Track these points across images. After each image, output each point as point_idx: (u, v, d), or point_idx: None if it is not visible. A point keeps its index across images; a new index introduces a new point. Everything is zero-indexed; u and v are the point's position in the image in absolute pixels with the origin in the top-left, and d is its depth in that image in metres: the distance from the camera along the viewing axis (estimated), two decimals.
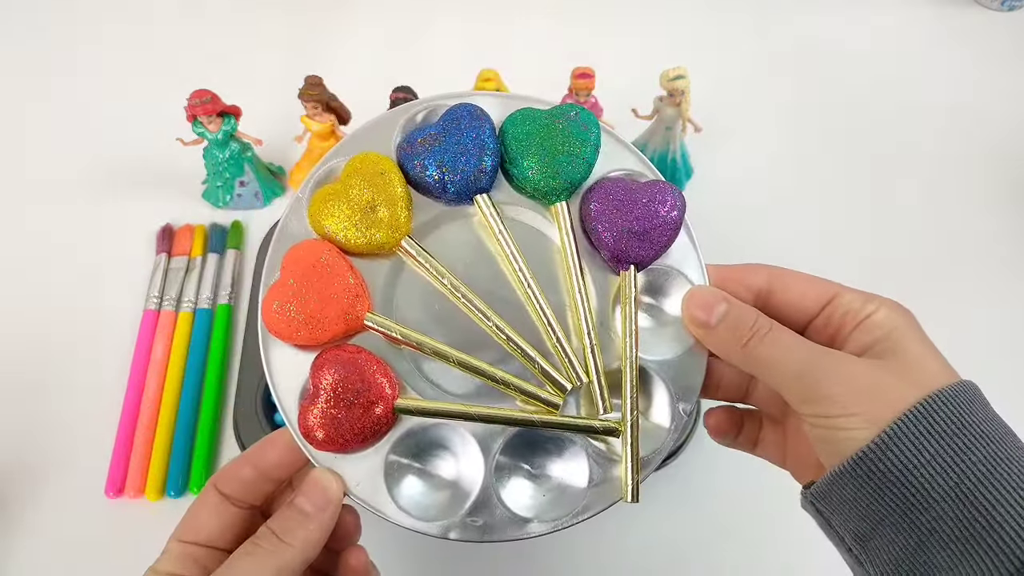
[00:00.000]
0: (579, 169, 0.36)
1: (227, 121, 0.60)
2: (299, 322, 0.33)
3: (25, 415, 0.56)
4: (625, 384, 0.35)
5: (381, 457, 0.34)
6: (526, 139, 0.36)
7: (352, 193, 0.35)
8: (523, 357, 0.35)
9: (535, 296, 0.36)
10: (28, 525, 0.52)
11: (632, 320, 0.35)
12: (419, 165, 0.36)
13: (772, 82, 0.76)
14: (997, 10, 0.81)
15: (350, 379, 0.33)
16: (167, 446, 0.54)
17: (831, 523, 0.31)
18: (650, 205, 0.36)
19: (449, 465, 0.35)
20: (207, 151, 0.62)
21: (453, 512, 0.34)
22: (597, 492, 0.35)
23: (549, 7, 0.81)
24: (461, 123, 0.36)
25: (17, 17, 0.80)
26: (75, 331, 0.60)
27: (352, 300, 0.34)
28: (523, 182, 0.36)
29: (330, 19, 0.80)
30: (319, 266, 0.34)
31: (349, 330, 0.34)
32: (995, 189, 0.68)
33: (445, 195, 0.36)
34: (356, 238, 0.35)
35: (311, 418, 0.33)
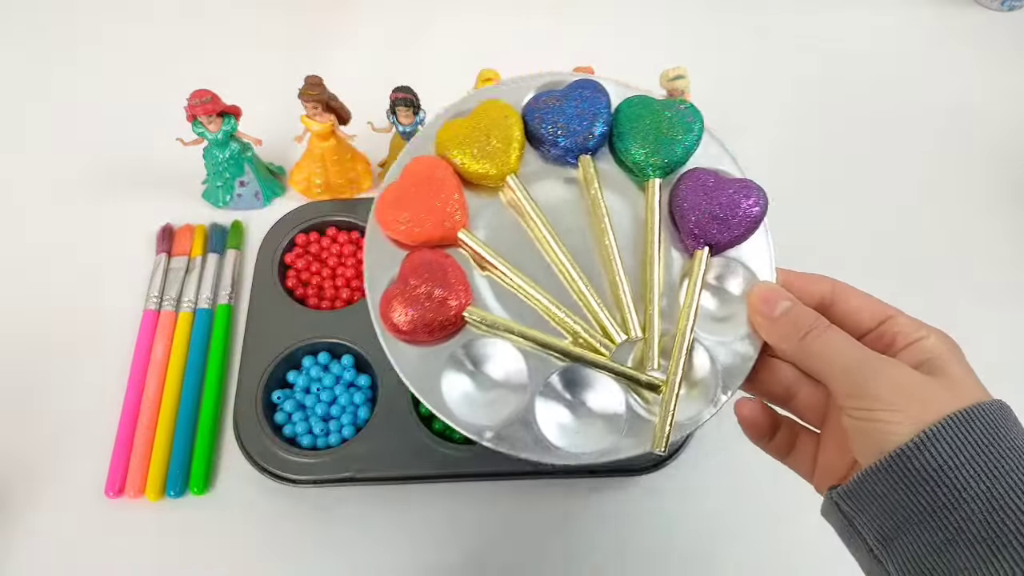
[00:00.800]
0: (677, 153, 0.40)
1: (227, 121, 0.60)
2: (404, 218, 0.38)
3: (25, 415, 0.56)
4: (677, 348, 0.37)
5: (442, 353, 0.37)
6: (637, 119, 0.41)
7: (476, 128, 0.40)
8: (587, 304, 0.38)
9: (614, 252, 0.39)
10: (28, 525, 0.52)
11: (696, 295, 0.38)
12: (539, 118, 0.41)
13: (772, 82, 0.76)
14: (997, 10, 0.81)
15: (434, 276, 0.37)
16: (167, 446, 0.54)
17: (854, 523, 0.32)
18: (735, 196, 0.39)
19: (498, 378, 0.38)
20: (207, 151, 0.62)
21: (490, 419, 0.37)
22: (627, 441, 0.37)
23: (549, 7, 0.81)
24: (584, 92, 0.41)
25: (17, 17, 0.80)
26: (75, 331, 0.60)
27: (452, 213, 0.39)
28: (625, 155, 0.41)
29: (330, 19, 0.79)
30: (433, 178, 0.39)
31: (443, 239, 0.39)
32: (995, 189, 0.68)
33: (555, 148, 0.41)
34: (471, 165, 0.40)
35: (392, 303, 0.37)
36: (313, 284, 0.60)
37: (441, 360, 0.38)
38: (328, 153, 0.62)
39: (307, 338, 0.57)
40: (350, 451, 0.52)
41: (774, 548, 0.52)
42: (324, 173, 0.63)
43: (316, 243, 0.62)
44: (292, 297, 0.59)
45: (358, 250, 0.62)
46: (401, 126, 0.60)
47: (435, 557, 0.52)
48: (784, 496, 0.54)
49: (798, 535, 0.53)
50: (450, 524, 0.53)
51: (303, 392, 0.56)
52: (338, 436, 0.54)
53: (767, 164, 0.71)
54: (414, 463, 0.52)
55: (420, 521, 0.53)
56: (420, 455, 0.52)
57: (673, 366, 0.37)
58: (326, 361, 0.57)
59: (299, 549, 0.52)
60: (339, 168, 0.63)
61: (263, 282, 0.59)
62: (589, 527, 0.53)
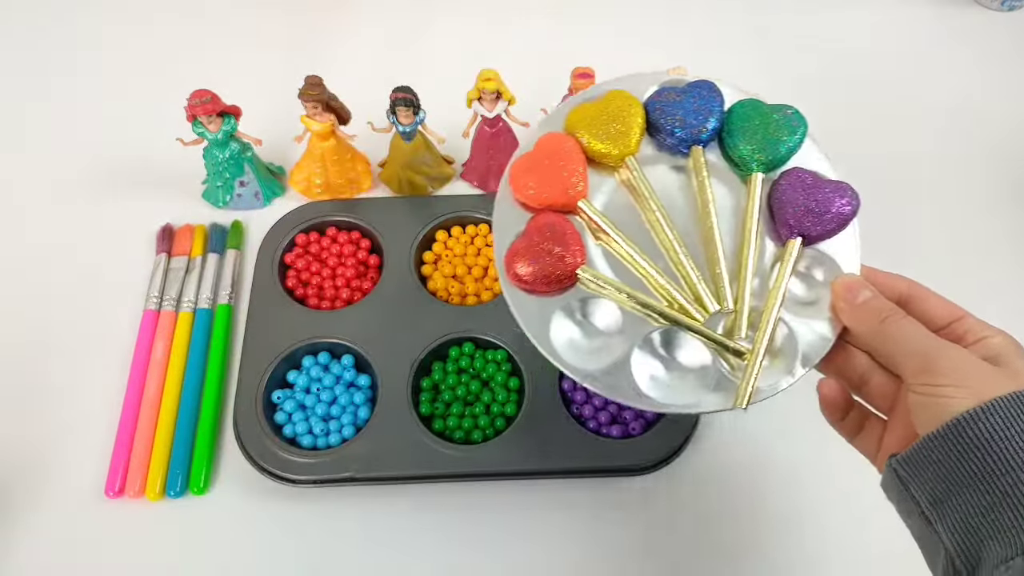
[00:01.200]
0: (781, 152, 0.45)
1: (227, 121, 0.60)
2: (533, 183, 0.44)
3: (25, 415, 0.56)
4: (765, 321, 0.42)
5: (554, 304, 0.43)
6: (747, 119, 0.46)
7: (603, 113, 0.46)
8: (686, 276, 0.43)
9: (716, 233, 0.44)
10: (29, 525, 0.52)
11: (786, 278, 0.42)
12: (660, 110, 0.46)
13: (772, 82, 0.75)
14: (997, 10, 0.81)
15: (555, 235, 0.42)
16: (167, 446, 0.54)
17: (909, 488, 0.35)
18: (831, 195, 0.43)
19: (602, 331, 0.43)
20: (207, 151, 0.62)
21: (591, 365, 0.42)
22: (711, 397, 0.41)
23: (549, 7, 0.81)
24: (701, 91, 0.47)
25: (17, 17, 0.80)
26: (75, 331, 0.60)
27: (576, 184, 0.44)
28: (733, 150, 0.45)
29: (330, 19, 0.79)
30: (562, 151, 0.45)
31: (565, 206, 0.44)
32: (995, 189, 0.68)
33: (671, 137, 0.46)
34: (594, 144, 0.45)
35: (517, 256, 0.42)
36: (313, 284, 0.60)
37: (553, 310, 0.42)
38: (328, 153, 0.62)
39: (307, 338, 0.57)
40: (350, 451, 0.52)
41: (774, 548, 0.52)
42: (324, 173, 0.63)
43: (316, 243, 0.62)
44: (292, 297, 0.59)
45: (358, 250, 0.62)
46: (401, 126, 0.60)
47: (435, 556, 0.52)
48: (783, 496, 0.54)
49: (798, 535, 0.53)
50: (450, 524, 0.53)
51: (303, 392, 0.56)
52: (338, 436, 0.54)
53: None
54: (414, 463, 0.52)
55: (420, 521, 0.53)
56: (420, 455, 0.52)
57: (759, 336, 0.41)
58: (326, 361, 0.57)
59: (299, 549, 0.52)
60: (339, 168, 0.63)
61: (263, 282, 0.59)
62: (589, 527, 0.53)
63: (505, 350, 0.56)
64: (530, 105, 0.61)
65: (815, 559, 0.52)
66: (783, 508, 0.54)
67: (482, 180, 0.66)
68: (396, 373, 0.55)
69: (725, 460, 0.55)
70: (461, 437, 0.54)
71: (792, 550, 0.52)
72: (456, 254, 0.62)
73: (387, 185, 0.66)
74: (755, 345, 0.41)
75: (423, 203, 0.64)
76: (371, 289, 0.60)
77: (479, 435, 0.54)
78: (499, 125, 0.62)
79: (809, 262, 0.44)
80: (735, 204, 0.45)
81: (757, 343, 0.41)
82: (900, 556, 0.53)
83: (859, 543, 0.52)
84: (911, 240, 0.65)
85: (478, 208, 0.63)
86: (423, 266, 0.62)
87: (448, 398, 0.55)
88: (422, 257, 0.62)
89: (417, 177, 0.64)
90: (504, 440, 0.53)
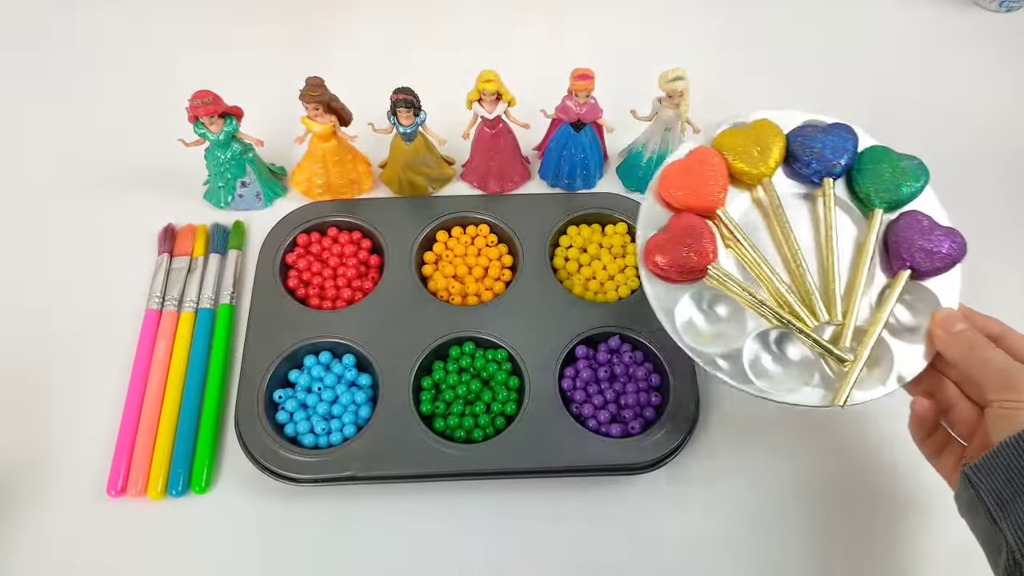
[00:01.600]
0: (904, 194, 0.51)
1: (229, 122, 0.60)
2: (681, 186, 0.51)
3: (27, 415, 0.56)
4: (870, 335, 0.48)
5: (682, 292, 0.50)
6: (877, 162, 0.52)
7: (748, 138, 0.53)
8: (802, 287, 0.50)
9: (835, 255, 0.50)
10: (30, 524, 0.52)
11: (892, 302, 0.49)
12: (800, 143, 0.53)
13: (771, 83, 0.76)
14: (996, 11, 0.81)
15: (693, 234, 0.49)
16: (169, 445, 0.54)
17: (979, 490, 0.39)
18: (942, 238, 0.49)
19: (722, 320, 0.50)
20: (209, 152, 0.62)
21: (708, 348, 0.48)
22: (811, 393, 0.48)
23: (549, 8, 0.81)
24: (840, 131, 0.53)
25: (17, 17, 0.80)
26: (77, 331, 0.60)
27: (717, 192, 0.51)
28: (860, 187, 0.52)
29: (331, 20, 0.80)
30: (709, 164, 0.52)
31: (705, 210, 0.51)
32: (995, 189, 0.68)
33: (807, 168, 0.52)
34: (740, 164, 0.52)
35: (658, 247, 0.49)
36: (314, 284, 0.60)
37: (680, 296, 0.49)
38: (329, 154, 0.62)
39: (309, 338, 0.57)
40: (351, 450, 0.53)
41: (773, 548, 0.52)
42: (325, 174, 0.64)
43: (317, 243, 0.63)
44: (293, 297, 0.60)
45: (359, 250, 0.62)
46: (402, 127, 0.60)
47: (435, 555, 0.52)
48: (783, 496, 0.54)
49: (797, 535, 0.53)
50: (451, 523, 0.53)
51: (305, 391, 0.56)
52: (339, 435, 0.54)
53: None
54: (415, 462, 0.52)
55: (421, 519, 0.53)
56: (421, 454, 0.52)
57: (863, 348, 0.47)
58: (328, 360, 0.57)
59: (301, 548, 0.52)
60: (340, 169, 0.63)
61: (265, 282, 0.60)
62: (589, 526, 0.53)
63: (505, 350, 0.57)
64: (530, 106, 0.61)
65: (816, 556, 0.52)
66: (783, 507, 0.54)
67: (482, 181, 0.66)
68: (397, 372, 0.55)
69: (725, 459, 0.55)
70: (462, 436, 0.54)
71: (793, 549, 0.52)
72: (457, 254, 0.62)
73: (388, 186, 0.66)
74: (858, 355, 0.47)
75: (424, 203, 0.64)
76: (372, 289, 0.60)
77: (480, 434, 0.54)
78: (499, 126, 0.62)
79: (914, 294, 0.50)
80: (853, 234, 0.52)
81: (860, 353, 0.47)
82: (899, 556, 0.53)
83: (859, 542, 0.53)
84: None
85: (478, 208, 0.63)
86: (424, 266, 0.62)
87: (449, 397, 0.55)
88: (423, 257, 0.62)
89: (418, 178, 0.64)
90: (504, 439, 0.53)
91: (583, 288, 0.60)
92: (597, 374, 0.56)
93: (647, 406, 0.55)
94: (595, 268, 0.61)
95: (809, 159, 0.52)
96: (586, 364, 0.56)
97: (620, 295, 0.60)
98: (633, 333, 0.57)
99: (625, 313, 0.58)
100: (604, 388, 0.55)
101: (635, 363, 0.56)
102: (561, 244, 0.63)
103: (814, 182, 0.53)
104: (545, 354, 0.56)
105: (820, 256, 0.51)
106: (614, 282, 0.60)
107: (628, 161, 0.67)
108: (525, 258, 0.61)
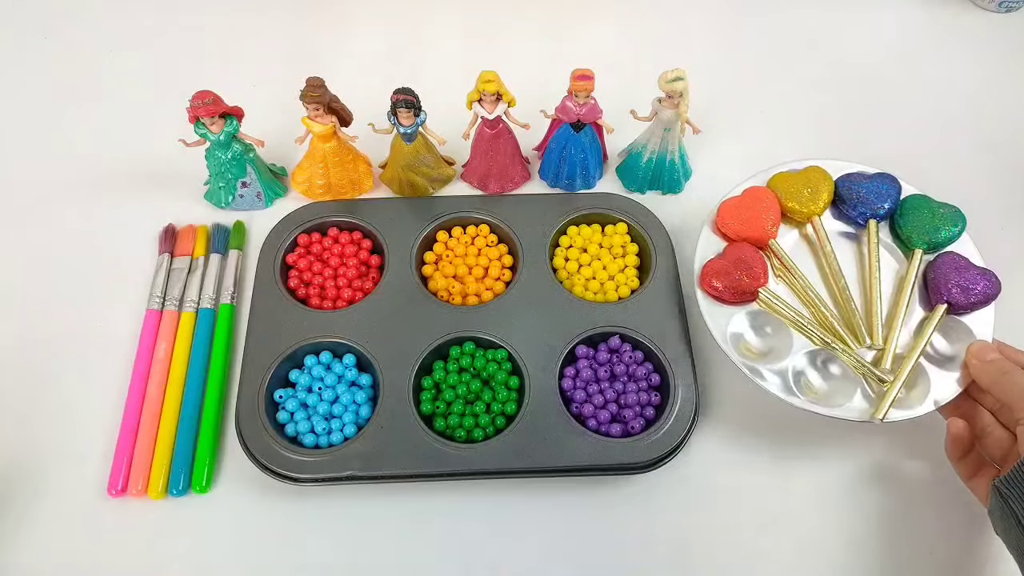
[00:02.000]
0: (942, 237, 0.56)
1: (229, 122, 0.60)
2: (738, 219, 0.57)
3: (28, 414, 0.56)
4: (908, 359, 0.53)
5: (734, 312, 0.55)
6: (918, 208, 0.58)
7: (800, 180, 0.59)
8: (847, 314, 0.55)
9: (877, 288, 0.56)
10: (31, 523, 0.52)
11: (931, 332, 0.54)
12: (848, 187, 0.59)
13: (771, 83, 0.76)
14: (994, 12, 0.81)
15: (745, 259, 0.55)
16: (170, 445, 0.54)
17: (1009, 502, 0.42)
18: (978, 278, 0.54)
19: (771, 337, 0.55)
20: (209, 152, 0.62)
21: (757, 363, 0.53)
22: (851, 408, 0.51)
23: (549, 8, 0.81)
24: (884, 179, 0.59)
25: (17, 18, 0.80)
26: (78, 331, 0.60)
27: (770, 226, 0.57)
28: (901, 229, 0.58)
29: (331, 20, 0.80)
30: (764, 200, 0.58)
31: (758, 241, 0.57)
32: (994, 190, 0.69)
33: (853, 210, 0.59)
34: (792, 203, 0.58)
35: (714, 270, 0.55)
36: (315, 284, 0.60)
37: (731, 315, 0.55)
38: (330, 154, 0.62)
39: (309, 337, 0.57)
40: (352, 450, 0.53)
41: (773, 547, 0.53)
42: (326, 174, 0.64)
43: (318, 243, 0.63)
44: (294, 297, 0.60)
45: (359, 250, 0.62)
46: (402, 127, 0.60)
47: (436, 555, 0.52)
48: (783, 496, 0.54)
49: (797, 534, 0.53)
50: (451, 523, 0.53)
51: (305, 391, 0.56)
52: (340, 435, 0.54)
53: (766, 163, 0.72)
54: (415, 462, 0.52)
55: (421, 519, 0.53)
56: (421, 454, 0.52)
57: (902, 370, 0.52)
58: (328, 360, 0.57)
59: (301, 547, 0.52)
60: (341, 169, 0.64)
61: (265, 282, 0.60)
62: (590, 525, 0.53)
63: (505, 349, 0.57)
64: (530, 107, 0.61)
65: (815, 555, 0.52)
66: (784, 505, 0.54)
67: (482, 181, 0.66)
68: (397, 372, 0.55)
69: (725, 458, 0.55)
70: (462, 436, 0.54)
71: (792, 548, 0.53)
72: (457, 254, 0.62)
73: (388, 186, 0.67)
74: (897, 375, 0.52)
75: (424, 204, 0.65)
76: (372, 289, 0.60)
77: (480, 434, 0.54)
78: (499, 126, 0.62)
79: (951, 327, 0.54)
80: (894, 270, 0.58)
81: (900, 374, 0.52)
82: (899, 556, 0.53)
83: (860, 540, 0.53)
84: None
85: (478, 209, 0.64)
86: (424, 266, 0.62)
87: (449, 397, 0.55)
88: (423, 257, 0.62)
89: (418, 178, 0.64)
90: (505, 439, 0.53)
91: (583, 288, 0.61)
92: (597, 374, 0.56)
93: (647, 406, 0.55)
94: (595, 268, 0.61)
95: (855, 202, 0.58)
96: (586, 364, 0.56)
97: (620, 295, 0.60)
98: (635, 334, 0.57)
99: (625, 313, 0.58)
100: (604, 388, 0.55)
101: (635, 363, 0.56)
102: (561, 244, 0.63)
103: (859, 223, 0.59)
104: (545, 354, 0.56)
105: (863, 288, 0.57)
106: (614, 282, 0.61)
107: (628, 161, 0.67)
108: (525, 258, 0.61)
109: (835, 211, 0.60)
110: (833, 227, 0.59)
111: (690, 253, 0.62)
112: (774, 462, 0.55)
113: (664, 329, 0.57)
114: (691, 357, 0.56)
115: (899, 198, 0.58)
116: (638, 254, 0.63)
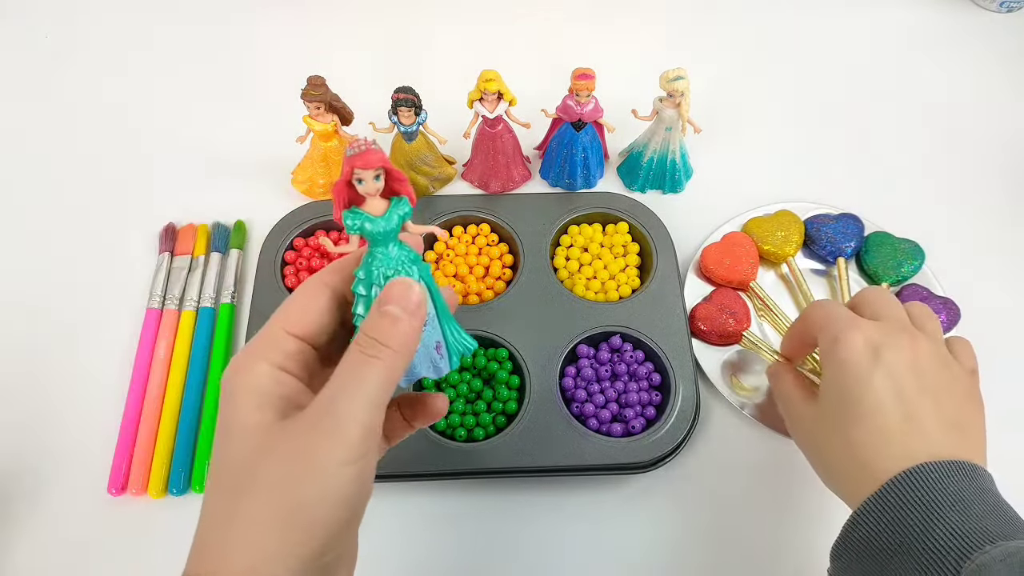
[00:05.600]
0: (904, 271, 0.61)
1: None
2: (722, 263, 0.61)
3: (28, 414, 0.56)
4: None
5: (723, 356, 0.58)
6: (881, 245, 0.62)
7: (772, 224, 0.63)
8: None
9: None
10: (30, 523, 0.52)
11: None
12: (817, 228, 0.63)
13: (771, 82, 0.76)
14: (995, 11, 0.81)
15: (729, 303, 0.59)
16: (170, 444, 0.54)
17: None
18: (939, 306, 0.59)
19: (759, 374, 0.58)
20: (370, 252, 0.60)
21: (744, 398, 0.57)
22: None
23: (550, 8, 0.81)
24: (848, 220, 0.63)
25: (18, 17, 0.80)
26: (78, 330, 0.60)
27: (749, 268, 0.61)
28: (868, 265, 0.62)
29: (332, 20, 0.80)
30: (742, 245, 0.62)
31: (740, 283, 0.61)
32: (994, 190, 0.69)
33: (821, 250, 0.63)
34: (767, 246, 0.62)
35: (700, 314, 0.59)
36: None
37: (719, 355, 0.58)
38: (331, 153, 0.62)
39: None
40: None
41: (773, 547, 0.52)
42: (327, 173, 0.64)
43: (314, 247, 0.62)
44: None
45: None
46: (403, 126, 0.60)
47: (436, 555, 0.52)
48: (782, 496, 0.54)
49: (797, 534, 0.53)
50: (451, 522, 0.53)
51: None
52: None
53: (766, 163, 0.72)
54: (415, 461, 0.52)
55: (421, 518, 0.53)
56: (422, 453, 0.52)
57: None
58: None
59: None
60: (342, 168, 0.63)
61: (266, 281, 0.60)
62: (590, 524, 0.53)
63: (506, 348, 0.57)
64: (531, 106, 0.61)
65: (815, 555, 0.52)
66: (784, 504, 0.54)
67: (483, 180, 0.66)
68: None
69: (726, 457, 0.55)
70: (463, 435, 0.54)
71: (794, 547, 0.52)
72: (458, 253, 0.62)
73: None
74: None
75: (425, 203, 0.64)
76: None
77: (481, 433, 0.54)
78: (500, 126, 0.62)
79: None
80: None
81: None
82: None
83: None
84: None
85: (479, 208, 0.63)
86: None
87: (450, 396, 0.55)
88: (424, 257, 0.62)
89: (419, 177, 0.64)
90: (506, 438, 0.53)
91: (584, 287, 0.60)
92: (598, 373, 0.56)
93: (648, 405, 0.55)
94: (596, 268, 0.61)
95: (824, 242, 0.62)
96: (587, 363, 0.56)
97: (621, 294, 0.60)
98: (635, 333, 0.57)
99: (626, 312, 0.58)
100: (605, 387, 0.55)
101: (636, 362, 0.56)
102: (562, 244, 0.63)
103: (828, 261, 0.63)
104: (546, 353, 0.56)
105: None
106: (615, 281, 0.60)
107: (629, 161, 0.67)
108: (526, 257, 0.61)
109: (807, 251, 0.64)
110: (806, 265, 0.63)
111: (691, 253, 0.62)
112: (775, 462, 0.55)
113: (665, 329, 0.57)
114: (692, 356, 0.56)
115: (863, 236, 0.63)
116: (639, 253, 0.63)
